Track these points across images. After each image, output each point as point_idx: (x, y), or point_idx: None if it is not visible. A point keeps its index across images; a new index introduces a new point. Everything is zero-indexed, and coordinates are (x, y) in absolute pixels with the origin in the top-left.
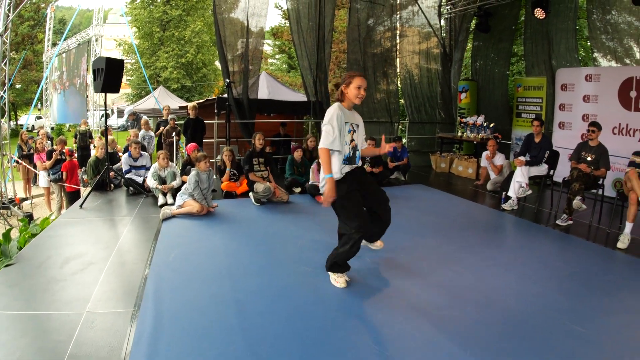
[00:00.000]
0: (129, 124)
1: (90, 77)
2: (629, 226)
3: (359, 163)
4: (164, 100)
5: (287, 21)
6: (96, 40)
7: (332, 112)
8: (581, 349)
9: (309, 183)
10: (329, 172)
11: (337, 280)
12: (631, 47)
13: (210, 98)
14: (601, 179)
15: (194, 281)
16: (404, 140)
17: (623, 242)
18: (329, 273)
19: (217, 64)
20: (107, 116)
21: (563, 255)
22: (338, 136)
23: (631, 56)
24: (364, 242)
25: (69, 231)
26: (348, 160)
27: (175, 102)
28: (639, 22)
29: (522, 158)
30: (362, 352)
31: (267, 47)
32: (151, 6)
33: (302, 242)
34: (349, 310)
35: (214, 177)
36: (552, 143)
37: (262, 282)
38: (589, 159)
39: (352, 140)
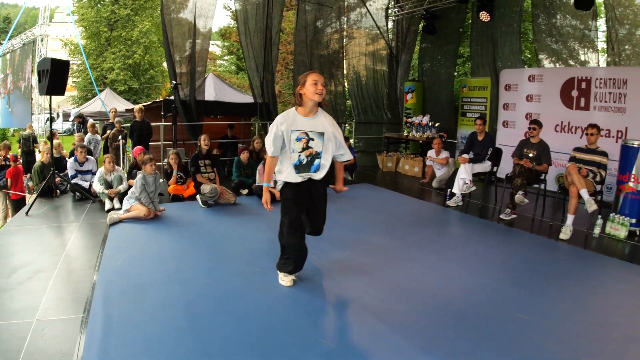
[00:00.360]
0: (75, 127)
1: (35, 79)
2: (570, 218)
3: (318, 174)
4: (110, 102)
5: (234, 22)
6: (42, 40)
7: (275, 119)
8: (524, 334)
9: (256, 184)
10: (266, 180)
11: (283, 279)
12: (575, 49)
13: (157, 100)
14: (543, 175)
15: (142, 285)
16: (351, 141)
17: (565, 233)
18: (279, 273)
19: (165, 65)
20: (52, 120)
21: (507, 247)
22: (271, 144)
23: (575, 58)
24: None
25: (15, 239)
26: (298, 168)
27: (122, 105)
28: (583, 25)
29: (465, 156)
30: (309, 347)
31: (216, 48)
32: (99, 5)
33: (250, 243)
34: (296, 308)
35: (161, 180)
36: (494, 141)
37: (211, 283)
38: (530, 155)
39: (305, 148)
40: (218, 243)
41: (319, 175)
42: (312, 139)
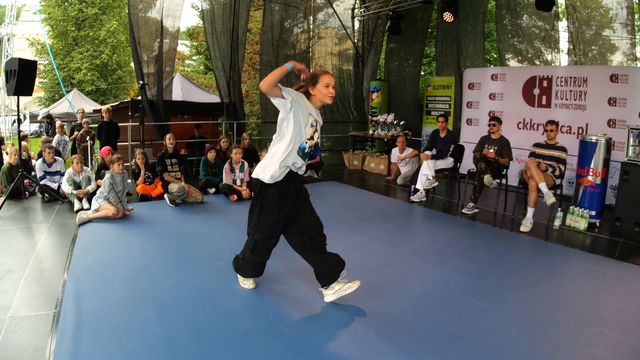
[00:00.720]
0: (44, 127)
1: (2, 80)
2: (530, 211)
3: (303, 170)
4: (78, 103)
5: (202, 21)
6: (8, 39)
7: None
8: (480, 320)
9: (223, 183)
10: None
11: (244, 282)
12: (539, 49)
13: (124, 100)
14: (505, 170)
15: (112, 281)
16: (317, 140)
17: (525, 225)
18: (240, 278)
19: (133, 65)
20: (19, 121)
21: (467, 240)
22: (288, 95)
23: (539, 57)
24: (321, 289)
25: None
26: (302, 153)
27: (90, 106)
28: (546, 25)
29: (427, 152)
30: (270, 334)
31: (185, 48)
32: (66, 3)
33: (216, 239)
34: (258, 299)
35: (129, 180)
36: (456, 138)
37: (179, 278)
38: (491, 150)
39: (310, 138)
40: (186, 240)
41: (304, 168)
42: (317, 131)
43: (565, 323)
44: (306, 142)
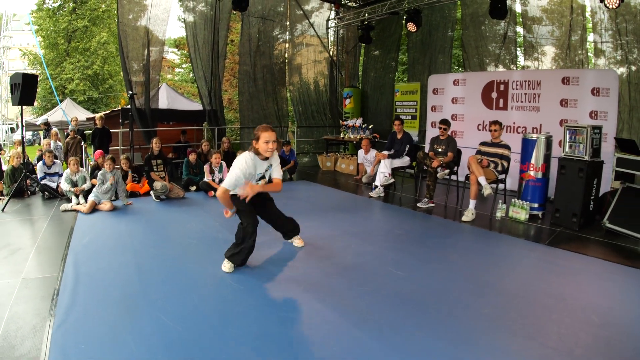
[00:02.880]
0: (41, 134)
1: None
2: (472, 203)
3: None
4: (71, 112)
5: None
6: (4, 52)
7: (242, 161)
8: (390, 283)
9: (203, 180)
10: (231, 208)
11: (226, 265)
12: (499, 55)
13: (115, 109)
14: (455, 167)
15: (104, 254)
16: (294, 145)
17: (467, 216)
18: (226, 259)
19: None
20: (13, 129)
21: (407, 227)
22: (234, 182)
23: (500, 63)
24: (286, 239)
25: None
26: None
27: (83, 114)
28: (506, 32)
29: (385, 152)
30: (222, 287)
31: (175, 56)
32: (57, 14)
33: (191, 224)
34: (218, 263)
35: (120, 178)
36: (412, 138)
37: (157, 251)
38: (439, 149)
39: (261, 179)
40: (166, 225)
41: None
42: (265, 175)
43: (466, 288)
44: (258, 182)
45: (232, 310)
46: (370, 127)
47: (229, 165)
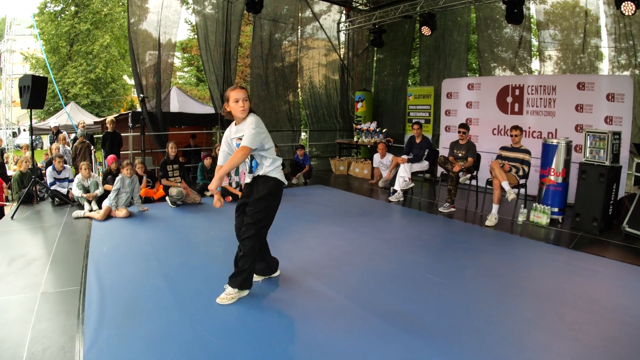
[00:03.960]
0: (50, 137)
1: (1, 93)
2: (495, 207)
3: (256, 172)
4: (75, 116)
5: (195, 35)
6: (9, 55)
7: (258, 121)
8: (427, 288)
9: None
10: (220, 177)
11: (234, 296)
12: (515, 59)
13: (122, 112)
14: (475, 171)
15: (127, 263)
16: (307, 149)
17: (490, 220)
18: (235, 290)
19: (126, 78)
20: (15, 134)
21: (434, 232)
22: (259, 139)
23: (516, 67)
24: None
25: (7, 238)
26: (250, 169)
27: (89, 118)
28: (530, 35)
29: (404, 156)
30: (256, 295)
31: (176, 60)
32: (59, 18)
33: (214, 231)
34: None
35: (138, 184)
36: (431, 143)
37: (182, 259)
38: (459, 154)
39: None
40: (187, 232)
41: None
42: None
43: (501, 292)
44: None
45: (275, 322)
46: (384, 130)
47: None
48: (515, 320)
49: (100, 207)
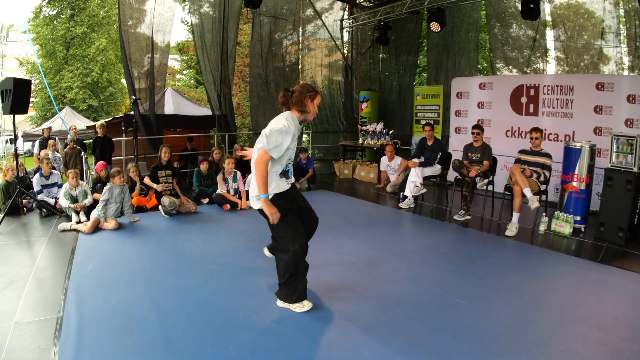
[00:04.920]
0: (40, 140)
1: None
2: (516, 216)
3: (292, 178)
4: (71, 121)
5: (192, 36)
6: (1, 61)
7: (283, 121)
8: (457, 316)
9: (216, 193)
10: (264, 192)
11: (303, 305)
12: (528, 58)
13: (117, 116)
14: (491, 175)
15: (112, 286)
16: (309, 152)
17: (511, 230)
18: (293, 305)
19: (124, 81)
20: (15, 139)
21: (452, 244)
22: (283, 147)
23: (528, 66)
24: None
25: None
26: (285, 174)
27: (83, 123)
28: (535, 34)
29: (415, 160)
30: (261, 329)
31: (175, 62)
32: (55, 21)
33: (210, 245)
34: (251, 298)
35: (128, 193)
36: (443, 145)
37: (174, 280)
38: (474, 158)
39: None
40: (181, 247)
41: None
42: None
43: (543, 320)
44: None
45: (278, 358)
46: (390, 132)
47: (243, 174)
48: (559, 355)
49: (89, 218)
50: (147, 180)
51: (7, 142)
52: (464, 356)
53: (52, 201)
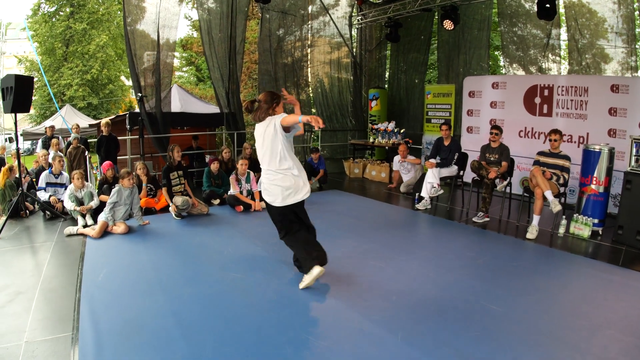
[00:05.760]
0: (43, 139)
1: None
2: (536, 218)
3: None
4: (71, 119)
5: (195, 32)
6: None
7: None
8: (495, 323)
9: (229, 193)
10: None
11: (311, 274)
12: (539, 57)
13: (119, 114)
14: (509, 177)
15: (127, 298)
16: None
17: (532, 232)
18: (306, 274)
19: (124, 79)
20: (16, 139)
21: (476, 247)
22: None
23: (539, 65)
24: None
25: None
26: None
27: (84, 121)
28: (546, 34)
29: (432, 160)
30: (301, 346)
31: (175, 60)
32: (54, 19)
33: (227, 250)
34: (279, 308)
35: (137, 194)
36: (460, 145)
37: (194, 291)
38: (492, 159)
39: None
40: (196, 252)
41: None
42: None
43: (578, 326)
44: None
45: None
46: (402, 131)
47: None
48: None
49: (95, 221)
50: (164, 193)
51: (6, 140)
52: None
53: (59, 197)
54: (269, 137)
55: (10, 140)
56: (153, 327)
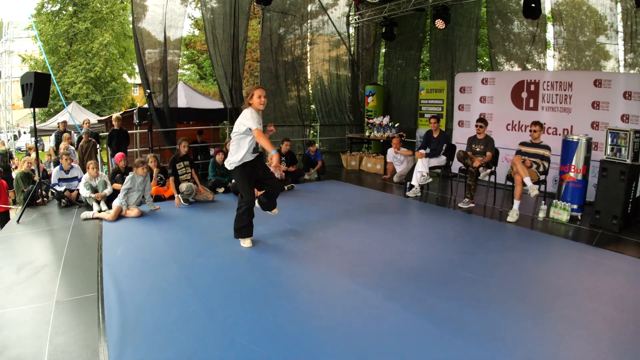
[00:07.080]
0: (56, 134)
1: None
2: (516, 203)
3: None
4: (77, 115)
5: (197, 30)
6: (8, 55)
7: (247, 113)
8: (467, 287)
9: (233, 182)
10: (273, 149)
11: (243, 242)
12: (528, 54)
13: (127, 110)
14: (493, 166)
15: (144, 268)
16: (317, 145)
17: (512, 216)
18: (241, 239)
19: (126, 77)
20: (16, 137)
21: (459, 228)
22: (257, 123)
23: (528, 61)
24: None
25: (13, 244)
26: (254, 150)
27: (91, 117)
28: (538, 30)
29: (422, 151)
30: (295, 300)
31: (175, 57)
32: (57, 18)
33: (232, 230)
34: (281, 274)
35: (149, 182)
36: (448, 137)
37: (204, 261)
38: (478, 149)
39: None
40: (204, 230)
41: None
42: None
43: (544, 292)
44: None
45: (313, 324)
46: (396, 125)
47: None
48: (558, 320)
49: (109, 207)
50: (171, 183)
51: (10, 138)
52: (476, 318)
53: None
54: (238, 125)
55: (15, 137)
56: (169, 289)
